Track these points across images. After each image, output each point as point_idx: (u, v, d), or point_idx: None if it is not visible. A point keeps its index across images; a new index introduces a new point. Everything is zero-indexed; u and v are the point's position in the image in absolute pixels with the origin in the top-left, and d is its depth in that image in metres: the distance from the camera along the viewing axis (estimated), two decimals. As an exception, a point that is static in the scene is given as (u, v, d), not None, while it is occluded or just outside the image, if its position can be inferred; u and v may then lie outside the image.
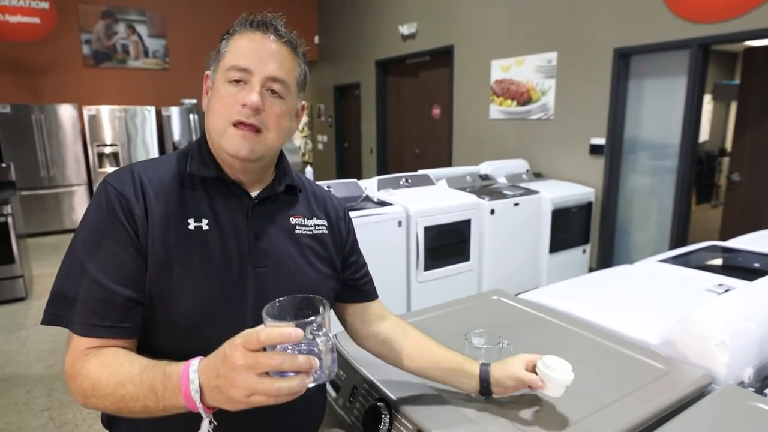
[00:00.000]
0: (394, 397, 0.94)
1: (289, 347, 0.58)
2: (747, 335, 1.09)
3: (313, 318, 0.59)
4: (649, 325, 1.22)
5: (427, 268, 3.15)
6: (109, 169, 6.29)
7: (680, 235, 3.62)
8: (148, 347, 0.78)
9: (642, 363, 1.05)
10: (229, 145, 0.79)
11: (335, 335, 0.61)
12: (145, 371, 0.67)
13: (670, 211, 3.66)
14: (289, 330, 0.57)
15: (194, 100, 6.85)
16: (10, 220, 3.66)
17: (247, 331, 0.59)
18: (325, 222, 0.96)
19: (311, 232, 0.92)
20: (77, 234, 0.78)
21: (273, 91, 0.81)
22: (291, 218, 0.91)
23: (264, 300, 0.71)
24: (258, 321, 0.61)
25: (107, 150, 6.26)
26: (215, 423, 0.65)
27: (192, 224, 0.80)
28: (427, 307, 1.38)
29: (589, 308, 1.35)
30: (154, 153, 6.52)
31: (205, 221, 0.81)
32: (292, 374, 0.57)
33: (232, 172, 0.84)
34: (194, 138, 6.88)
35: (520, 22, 4.54)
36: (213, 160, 0.84)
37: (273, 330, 0.57)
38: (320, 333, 0.59)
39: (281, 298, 0.64)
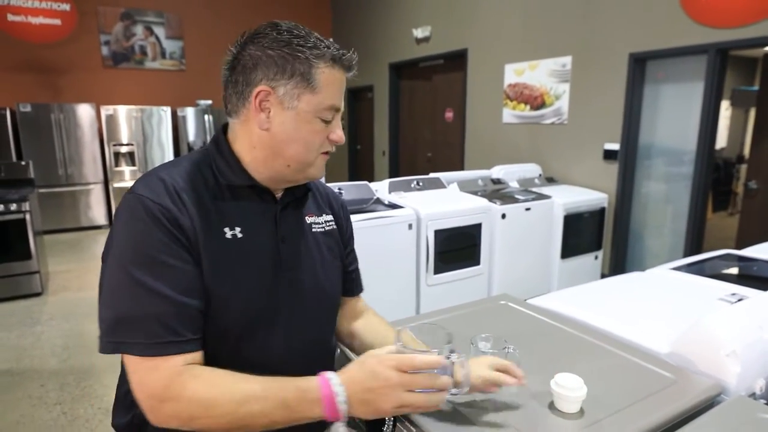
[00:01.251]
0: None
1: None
2: (759, 345, 1.07)
3: (453, 351, 0.74)
4: (659, 334, 1.21)
5: (437, 271, 3.14)
6: (125, 168, 6.39)
7: (695, 242, 3.56)
8: None
9: (650, 371, 1.03)
10: (317, 171, 0.86)
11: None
12: (269, 388, 0.70)
13: (685, 218, 3.61)
14: (438, 358, 0.71)
15: (209, 101, 6.93)
16: (28, 216, 3.74)
17: (400, 355, 0.71)
18: (332, 216, 0.98)
19: (323, 229, 0.95)
20: (115, 253, 0.74)
21: None
22: (306, 217, 0.93)
23: (294, 301, 0.86)
24: (291, 322, 0.83)
25: (123, 149, 6.36)
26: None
27: (228, 233, 0.80)
28: (434, 311, 1.38)
29: (598, 315, 1.34)
30: (169, 153, 6.61)
31: (238, 229, 0.81)
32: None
33: (266, 180, 0.85)
34: (209, 138, 6.99)
35: (535, 26, 4.52)
36: (242, 169, 0.84)
37: (427, 357, 0.71)
38: (453, 356, 0.74)
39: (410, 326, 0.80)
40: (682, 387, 0.97)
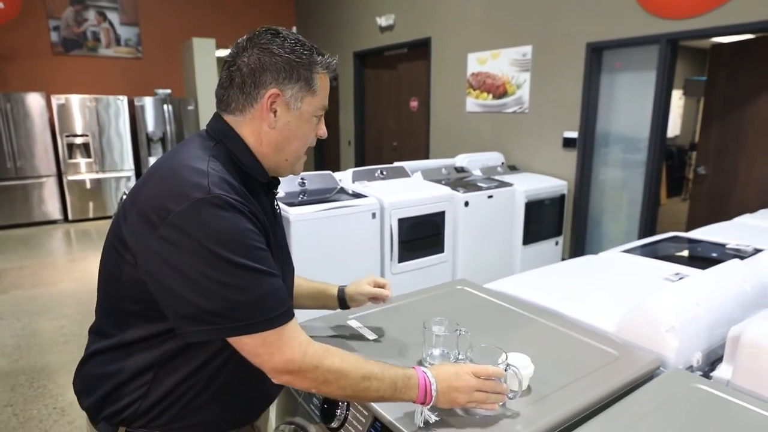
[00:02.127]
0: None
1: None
2: (697, 321, 1.13)
3: (510, 366, 0.90)
4: (607, 313, 1.25)
5: (401, 260, 3.16)
6: (80, 160, 6.14)
7: (648, 226, 3.71)
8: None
9: (596, 349, 1.07)
10: (300, 167, 0.98)
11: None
12: (385, 370, 0.85)
13: (640, 203, 3.75)
14: (500, 370, 0.88)
15: (168, 90, 6.71)
16: (-28, 211, 3.55)
17: (476, 365, 0.88)
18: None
19: (279, 212, 1.08)
20: (202, 249, 0.76)
21: None
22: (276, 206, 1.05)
23: (290, 283, 1.04)
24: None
25: (78, 140, 6.10)
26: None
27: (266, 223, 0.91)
28: (394, 296, 1.39)
29: (550, 297, 1.38)
30: (127, 144, 6.38)
31: (266, 220, 0.91)
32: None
33: (271, 174, 0.97)
34: (168, 129, 6.79)
35: (497, 15, 4.56)
36: (261, 165, 0.92)
37: (495, 369, 0.88)
38: (509, 369, 0.90)
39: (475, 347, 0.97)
40: (625, 362, 1.02)
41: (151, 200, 0.79)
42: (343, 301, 1.17)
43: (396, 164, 3.74)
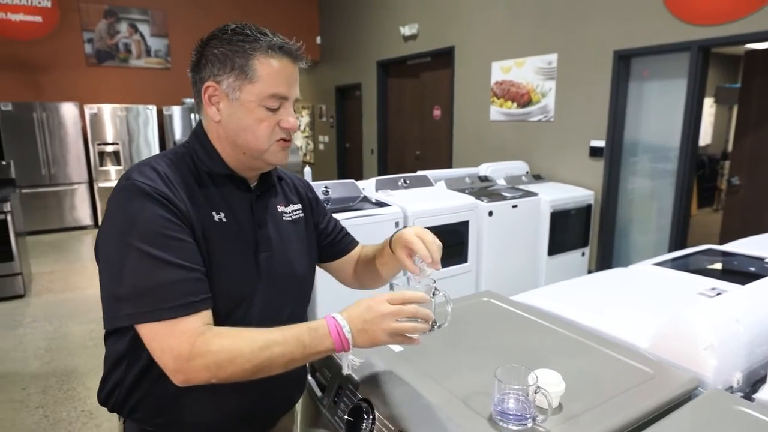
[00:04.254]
0: (377, 398, 0.93)
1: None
2: (736, 339, 1.08)
3: (437, 291, 0.88)
4: (639, 329, 1.21)
5: (424, 269, 3.14)
6: (110, 167, 6.32)
7: (679, 238, 3.60)
8: None
9: (629, 366, 1.04)
10: (275, 158, 0.91)
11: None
12: (285, 333, 0.80)
13: (670, 214, 3.65)
14: (422, 294, 0.84)
15: (196, 100, 6.87)
16: (9, 217, 3.68)
17: (391, 292, 0.83)
18: (299, 205, 1.07)
19: (291, 218, 1.04)
20: (115, 233, 0.80)
21: (294, 109, 0.93)
22: (278, 207, 1.02)
23: (269, 282, 0.95)
24: (267, 299, 0.93)
25: (109, 148, 6.28)
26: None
27: (215, 217, 0.89)
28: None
29: (579, 311, 1.34)
30: (156, 151, 6.49)
31: (222, 214, 0.90)
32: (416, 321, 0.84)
33: (242, 170, 0.94)
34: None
35: (521, 23, 4.53)
36: (221, 159, 0.92)
37: (413, 293, 0.84)
38: (437, 294, 0.88)
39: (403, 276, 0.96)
40: (660, 381, 0.98)
41: None
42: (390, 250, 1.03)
43: (419, 173, 3.73)
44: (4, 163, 4.24)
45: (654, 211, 3.87)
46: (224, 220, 0.89)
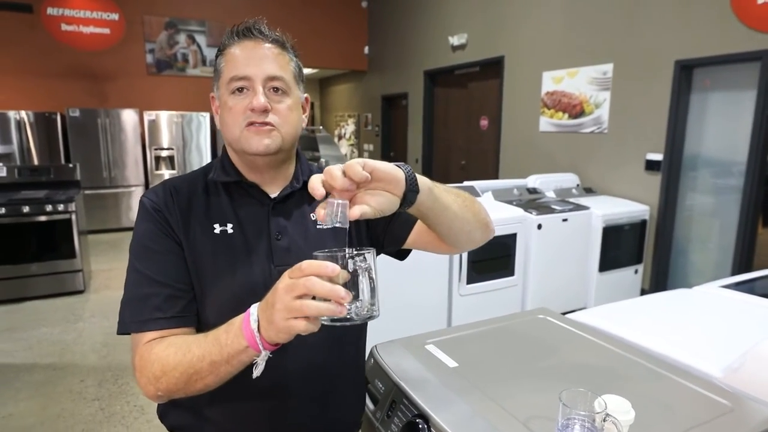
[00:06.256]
0: (433, 414, 0.91)
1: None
2: (825, 374, 1.00)
3: (349, 251, 0.63)
4: (711, 356, 1.14)
5: (469, 281, 3.09)
6: (165, 171, 6.61)
7: (744, 258, 3.38)
8: None
9: (703, 397, 0.97)
10: (248, 145, 0.84)
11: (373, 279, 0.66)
12: (210, 332, 0.72)
13: (734, 232, 3.44)
14: (327, 263, 0.60)
15: (247, 108, 7.08)
16: (73, 217, 3.89)
17: (300, 263, 0.62)
18: None
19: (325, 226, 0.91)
20: (130, 248, 0.86)
21: (275, 89, 0.85)
22: (312, 214, 0.92)
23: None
24: None
25: (164, 153, 6.57)
26: (271, 356, 0.68)
27: (218, 229, 0.86)
28: (469, 323, 1.34)
29: (642, 333, 1.27)
30: (207, 157, 6.79)
31: (229, 225, 0.87)
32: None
33: (252, 175, 0.90)
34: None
35: (574, 32, 4.42)
36: (233, 167, 0.90)
37: (314, 261, 0.62)
38: (364, 273, 0.64)
39: (335, 249, 0.65)
40: (740, 416, 0.91)
41: None
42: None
43: (466, 183, 3.69)
44: (70, 165, 4.50)
45: (715, 229, 3.66)
46: (230, 231, 0.86)
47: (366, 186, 0.64)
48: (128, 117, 6.30)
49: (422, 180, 0.71)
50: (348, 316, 0.62)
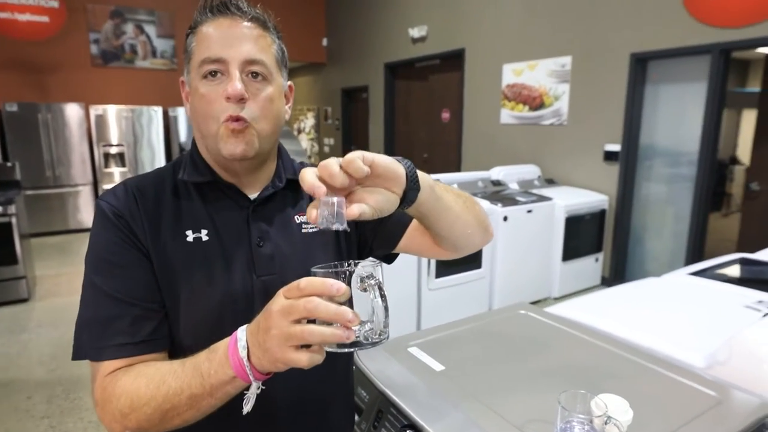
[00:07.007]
0: (425, 424, 0.86)
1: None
2: (803, 360, 1.01)
3: (354, 268, 0.55)
4: (692, 346, 1.14)
5: (438, 275, 3.07)
6: (114, 169, 6.26)
7: (697, 245, 3.53)
8: None
9: (691, 389, 0.96)
10: (226, 149, 0.71)
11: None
12: (187, 360, 0.62)
13: (687, 220, 3.58)
14: (331, 281, 0.52)
15: (201, 101, 6.81)
16: (13, 220, 3.61)
17: (297, 281, 0.54)
18: None
19: (316, 228, 0.81)
20: (86, 259, 0.73)
21: (255, 75, 0.72)
22: (296, 217, 0.82)
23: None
24: None
25: (113, 150, 6.22)
26: (263, 387, 0.60)
27: (190, 236, 0.75)
28: (448, 323, 1.30)
29: (625, 326, 1.27)
30: (160, 154, 6.47)
31: (204, 232, 0.75)
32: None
33: (227, 174, 0.78)
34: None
35: (534, 25, 4.47)
36: (206, 165, 0.78)
37: (314, 279, 0.53)
38: (374, 289, 0.56)
39: (335, 263, 0.57)
40: (729, 407, 0.91)
41: None
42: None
43: (431, 176, 3.66)
44: (9, 164, 4.17)
45: (670, 217, 3.80)
46: (204, 239, 0.74)
47: (363, 182, 0.55)
48: (72, 111, 5.91)
49: (423, 177, 0.64)
50: (356, 341, 0.53)
